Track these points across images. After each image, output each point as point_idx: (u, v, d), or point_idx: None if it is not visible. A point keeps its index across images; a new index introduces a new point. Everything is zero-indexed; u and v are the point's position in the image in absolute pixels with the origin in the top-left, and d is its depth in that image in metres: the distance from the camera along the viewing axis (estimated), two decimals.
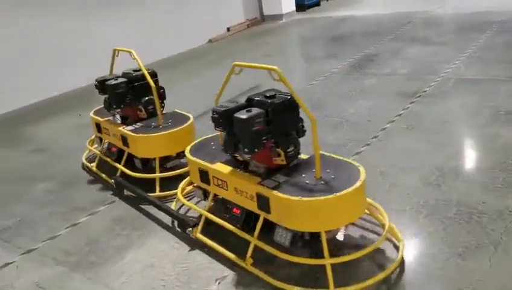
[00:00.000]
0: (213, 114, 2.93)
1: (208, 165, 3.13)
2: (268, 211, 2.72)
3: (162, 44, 9.19)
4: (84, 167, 4.72)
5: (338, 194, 2.53)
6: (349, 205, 2.64)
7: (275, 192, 2.64)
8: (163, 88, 4.29)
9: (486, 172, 3.54)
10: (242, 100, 2.99)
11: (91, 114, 4.69)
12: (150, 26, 9.01)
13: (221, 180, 3.05)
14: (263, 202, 2.72)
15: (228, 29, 10.76)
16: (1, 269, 3.29)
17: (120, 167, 4.21)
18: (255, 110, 2.77)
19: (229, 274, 2.85)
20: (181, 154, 4.09)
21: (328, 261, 2.56)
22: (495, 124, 4.30)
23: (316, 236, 2.68)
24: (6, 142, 5.93)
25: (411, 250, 2.83)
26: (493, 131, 4.19)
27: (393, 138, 4.39)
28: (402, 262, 2.71)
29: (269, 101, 2.81)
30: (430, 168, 3.71)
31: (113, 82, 4.18)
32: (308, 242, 2.77)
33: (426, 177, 3.59)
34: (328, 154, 2.98)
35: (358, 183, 2.61)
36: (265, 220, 2.80)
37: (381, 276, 2.56)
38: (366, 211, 2.98)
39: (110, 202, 3.98)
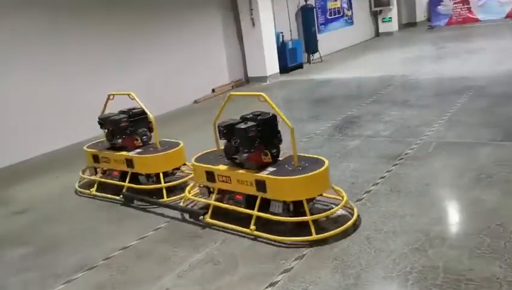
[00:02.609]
0: (219, 128, 4.29)
1: (213, 167, 4.38)
2: (264, 191, 4.02)
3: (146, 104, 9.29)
4: (78, 193, 5.67)
5: (309, 174, 3.93)
6: (317, 182, 4.02)
7: (270, 176, 4.00)
8: (151, 122, 5.44)
9: (471, 237, 3.53)
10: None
11: (85, 148, 5.76)
12: (133, 88, 9.14)
13: (225, 177, 4.30)
14: (260, 185, 4.03)
15: (213, 90, 10.96)
16: None
17: (126, 184, 5.23)
18: (250, 122, 4.13)
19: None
20: (175, 172, 5.40)
21: (309, 218, 3.86)
22: (477, 188, 4.34)
23: (297, 207, 3.97)
24: None
25: None
26: (475, 194, 4.22)
27: (378, 201, 4.39)
28: (356, 221, 3.98)
29: (258, 117, 4.18)
30: (415, 233, 3.69)
31: (116, 117, 5.39)
32: (292, 212, 4.04)
33: (412, 242, 3.56)
34: (303, 155, 4.35)
35: (321, 169, 3.98)
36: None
37: (343, 229, 3.85)
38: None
39: (89, 268, 3.84)
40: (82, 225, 4.82)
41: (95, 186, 5.54)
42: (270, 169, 4.12)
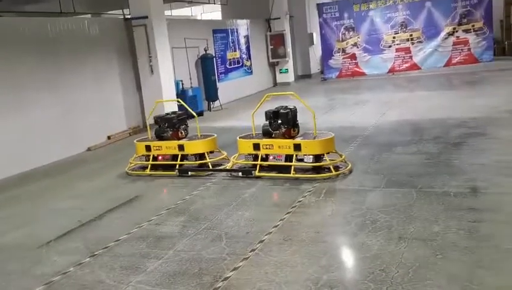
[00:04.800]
0: (267, 114, 6.83)
1: (258, 140, 6.88)
2: (300, 150, 6.53)
3: (33, 152, 8.69)
4: (129, 174, 7.68)
5: (326, 138, 6.65)
6: (329, 142, 6.65)
7: (303, 140, 6.61)
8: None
9: (357, 284, 3.64)
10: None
11: (135, 141, 8.00)
12: (22, 132, 8.57)
13: (269, 145, 6.80)
14: (297, 147, 6.55)
15: (109, 137, 10.54)
16: None
17: (178, 162, 7.46)
18: (287, 110, 6.71)
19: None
20: (209, 154, 7.54)
21: (330, 163, 6.52)
22: (362, 233, 4.54)
23: (318, 159, 6.59)
24: None
25: None
26: (361, 240, 4.41)
27: (271, 251, 4.39)
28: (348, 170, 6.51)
29: (289, 108, 6.76)
30: (306, 283, 3.72)
31: (169, 116, 7.70)
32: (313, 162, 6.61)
33: None
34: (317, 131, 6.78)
35: (330, 136, 6.69)
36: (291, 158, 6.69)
37: (341, 171, 6.51)
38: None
39: None
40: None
41: (149, 167, 7.57)
42: (299, 138, 6.71)
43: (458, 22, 17.35)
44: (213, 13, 25.09)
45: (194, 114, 7.80)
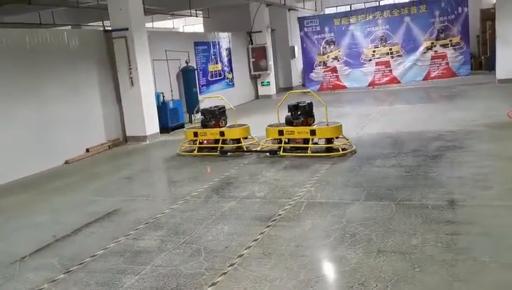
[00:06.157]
0: (289, 106, 8.76)
1: (282, 127, 8.75)
2: (315, 135, 8.49)
3: (9, 165, 8.51)
4: (180, 155, 9.66)
5: (335, 125, 8.59)
6: (338, 129, 8.56)
7: (317, 127, 8.56)
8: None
9: None
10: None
11: (186, 129, 10.22)
12: None
13: (291, 131, 8.67)
14: (313, 132, 8.48)
15: (87, 150, 10.38)
16: None
17: (219, 145, 9.31)
18: (305, 104, 8.70)
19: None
20: (244, 139, 9.48)
21: (338, 145, 8.48)
22: (342, 247, 4.54)
23: (329, 141, 8.56)
24: None
25: None
26: (341, 254, 4.40)
27: (250, 266, 4.35)
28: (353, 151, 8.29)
29: (306, 102, 8.76)
30: None
31: (212, 109, 9.63)
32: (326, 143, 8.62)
33: None
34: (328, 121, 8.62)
35: (339, 124, 8.64)
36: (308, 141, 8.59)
37: (348, 151, 8.36)
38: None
39: None
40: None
41: (196, 149, 9.48)
42: (315, 125, 8.54)
43: (436, 37, 17.69)
44: (195, 26, 25.15)
45: (233, 107, 9.90)
